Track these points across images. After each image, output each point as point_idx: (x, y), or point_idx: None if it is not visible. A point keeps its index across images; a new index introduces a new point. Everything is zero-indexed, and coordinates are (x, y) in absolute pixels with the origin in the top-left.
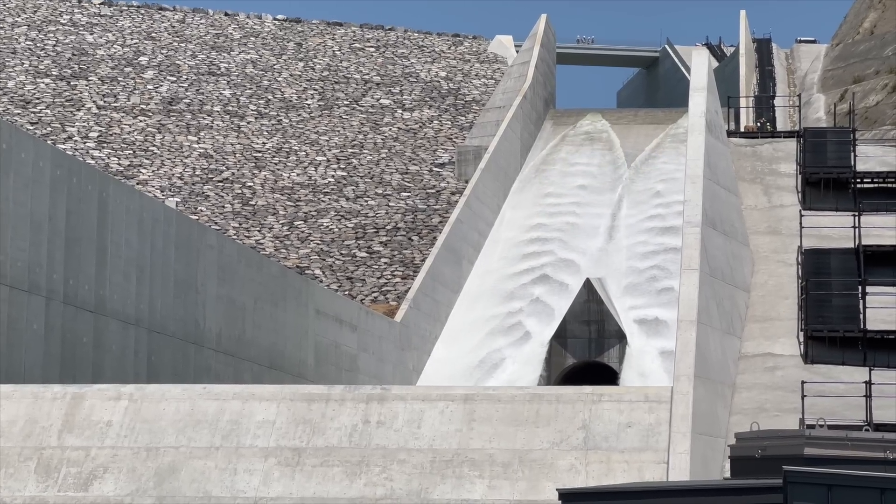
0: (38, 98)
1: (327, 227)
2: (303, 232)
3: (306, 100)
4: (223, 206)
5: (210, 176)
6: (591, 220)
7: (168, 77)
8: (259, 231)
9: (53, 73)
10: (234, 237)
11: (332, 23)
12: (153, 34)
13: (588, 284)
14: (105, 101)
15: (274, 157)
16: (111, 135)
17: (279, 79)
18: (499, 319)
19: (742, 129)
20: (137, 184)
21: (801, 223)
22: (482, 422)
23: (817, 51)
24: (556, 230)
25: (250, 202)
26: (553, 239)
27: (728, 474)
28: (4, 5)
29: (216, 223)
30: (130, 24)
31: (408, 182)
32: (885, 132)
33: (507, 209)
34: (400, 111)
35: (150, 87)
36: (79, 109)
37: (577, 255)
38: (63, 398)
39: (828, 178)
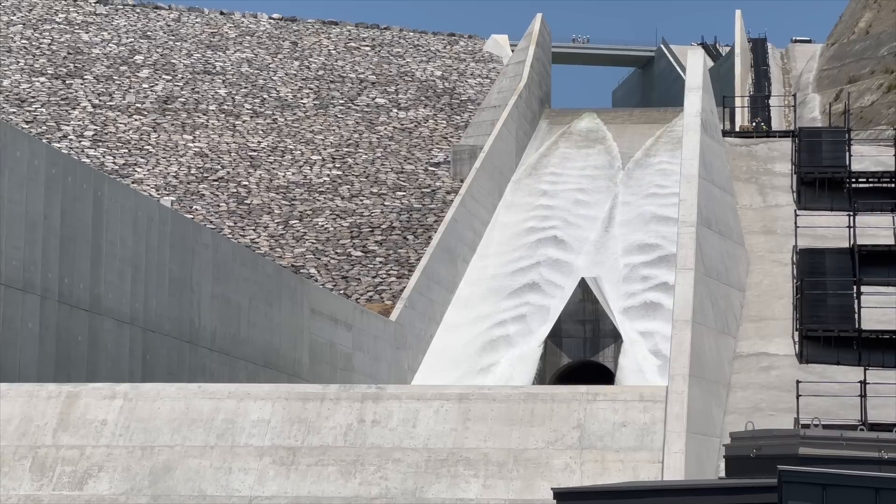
0: (33, 97)
1: (322, 226)
2: (298, 231)
3: (301, 99)
4: (218, 205)
5: (205, 175)
6: (585, 220)
7: (163, 76)
8: (254, 230)
9: (49, 71)
10: (230, 236)
11: (327, 22)
12: (148, 33)
13: (583, 284)
14: (100, 100)
15: (269, 156)
16: (106, 133)
17: (274, 78)
18: (493, 319)
19: (737, 129)
20: (132, 182)
21: (796, 223)
22: (477, 421)
23: (812, 50)
24: (550, 230)
25: (245, 201)
26: (548, 238)
27: (723, 474)
28: (0, 4)
29: (211, 222)
30: (126, 22)
31: (403, 181)
32: (880, 132)
33: (502, 209)
34: (395, 110)
35: (145, 85)
36: (74, 108)
37: (572, 255)
38: (58, 397)
39: (823, 177)
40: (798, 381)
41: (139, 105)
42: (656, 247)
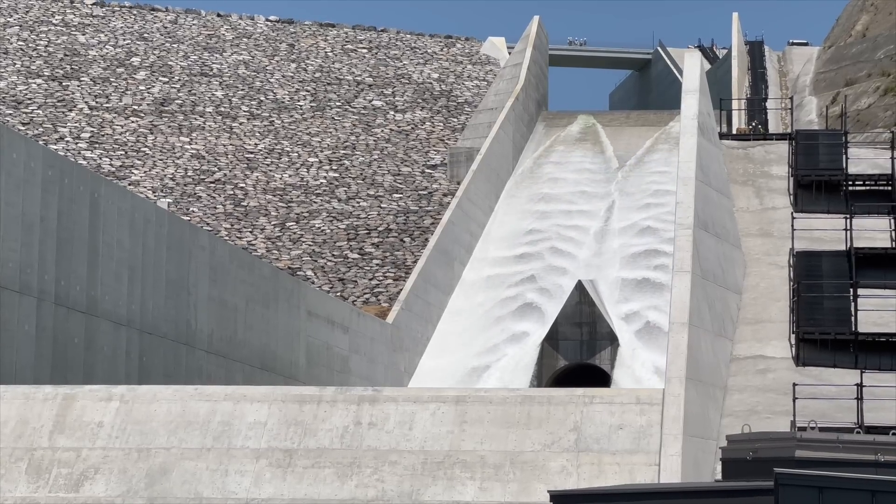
0: (29, 98)
1: (319, 228)
2: (295, 233)
3: (298, 101)
4: (215, 207)
5: (202, 177)
6: (583, 222)
7: (160, 78)
8: (251, 232)
9: (45, 73)
10: (226, 238)
11: (324, 24)
12: (145, 35)
13: (580, 286)
14: (97, 102)
15: (266, 158)
16: (103, 135)
17: (271, 80)
18: (489, 321)
19: (734, 132)
20: (129, 184)
21: (792, 225)
22: (474, 423)
23: (809, 53)
24: (548, 233)
25: (242, 203)
26: (545, 240)
27: (719, 476)
28: None
29: (208, 224)
30: (122, 24)
31: (400, 183)
32: (876, 135)
33: (499, 212)
34: (392, 112)
35: (142, 87)
36: (70, 110)
37: (569, 257)
38: (54, 399)
39: (819, 180)
40: (794, 384)
41: (136, 107)
42: (654, 230)
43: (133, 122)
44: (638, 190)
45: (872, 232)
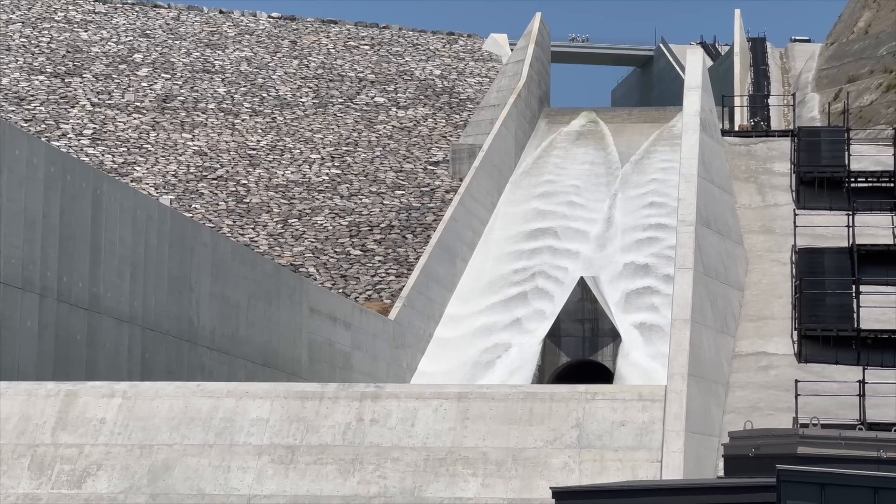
0: (32, 95)
1: (321, 224)
2: (297, 230)
3: (301, 98)
4: (217, 204)
5: (204, 173)
6: (584, 220)
7: (163, 74)
8: (253, 229)
9: (48, 70)
10: (228, 235)
11: (326, 21)
12: (148, 31)
13: (582, 283)
14: (99, 99)
15: (268, 154)
16: (105, 132)
17: (274, 76)
18: (491, 318)
19: (736, 128)
20: (131, 181)
21: (795, 222)
22: (476, 420)
23: (812, 50)
24: (549, 231)
25: (244, 200)
26: (547, 237)
27: (722, 473)
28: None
29: (210, 221)
30: (125, 21)
31: (402, 180)
32: (879, 131)
33: (501, 209)
34: (394, 109)
35: (144, 84)
36: (73, 107)
37: (570, 255)
38: (57, 395)
39: (822, 177)
40: (797, 381)
41: (138, 104)
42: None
43: (135, 118)
44: (639, 187)
45: (875, 229)
